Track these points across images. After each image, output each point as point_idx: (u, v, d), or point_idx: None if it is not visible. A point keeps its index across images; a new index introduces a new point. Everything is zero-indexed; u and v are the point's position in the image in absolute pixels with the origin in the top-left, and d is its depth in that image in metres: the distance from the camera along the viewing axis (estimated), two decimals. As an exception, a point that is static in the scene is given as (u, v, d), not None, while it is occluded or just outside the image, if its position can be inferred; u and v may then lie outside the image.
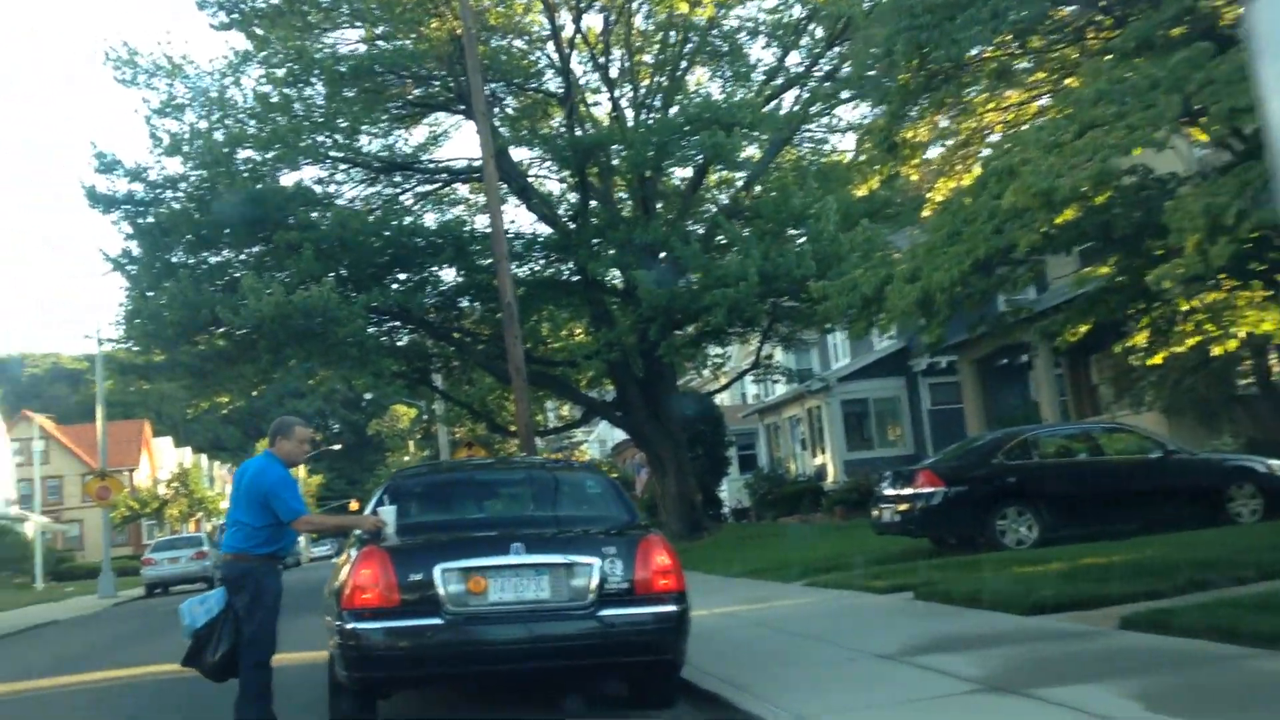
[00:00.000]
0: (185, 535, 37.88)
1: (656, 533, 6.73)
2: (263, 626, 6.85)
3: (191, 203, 19.15)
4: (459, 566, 6.17)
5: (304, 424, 7.33)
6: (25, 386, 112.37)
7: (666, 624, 6.25)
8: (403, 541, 6.51)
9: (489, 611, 6.15)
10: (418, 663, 6.14)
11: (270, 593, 6.91)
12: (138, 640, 15.67)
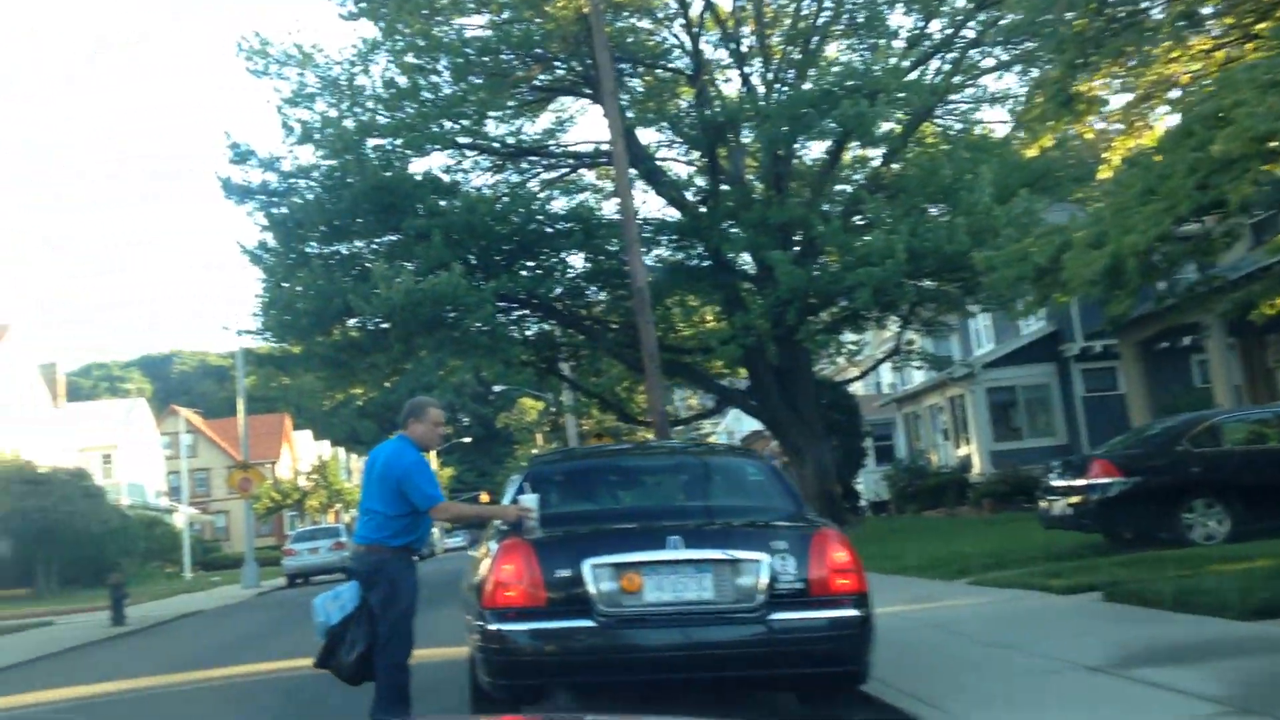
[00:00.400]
0: (324, 526, 38.52)
1: (831, 525, 5.93)
2: (398, 624, 6.33)
3: (323, 191, 19.10)
4: (611, 562, 5.49)
5: (437, 405, 6.78)
6: (175, 383, 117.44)
7: (848, 630, 5.45)
8: (547, 534, 5.87)
9: (645, 613, 5.45)
10: (568, 669, 5.48)
11: (406, 588, 6.39)
12: (278, 632, 15.59)
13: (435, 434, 6.64)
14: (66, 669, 13.26)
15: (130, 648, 15.63)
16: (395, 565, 6.40)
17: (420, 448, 6.57)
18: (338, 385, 24.98)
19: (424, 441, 6.59)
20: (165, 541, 46.36)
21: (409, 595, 6.38)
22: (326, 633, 6.41)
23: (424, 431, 6.59)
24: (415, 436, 6.57)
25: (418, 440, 6.57)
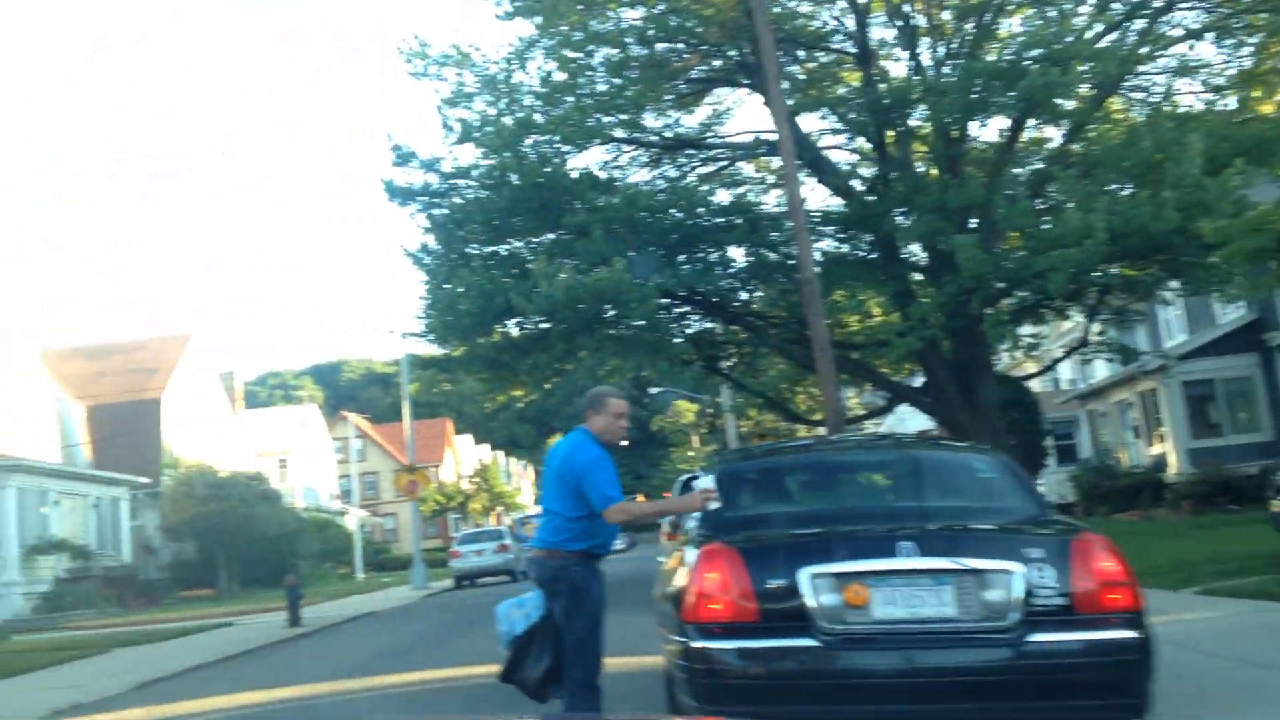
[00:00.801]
0: (489, 528, 38.86)
1: (1090, 529, 5.05)
2: (585, 638, 5.75)
3: (483, 190, 18.96)
4: (832, 571, 4.75)
5: (618, 394, 6.17)
6: (344, 390, 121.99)
7: (1124, 655, 4.56)
8: (755, 538, 5.17)
9: (875, 632, 4.69)
10: (786, 695, 4.74)
11: (590, 597, 5.80)
12: (451, 636, 15.38)
13: (617, 427, 6.04)
14: (245, 672, 13.30)
15: (306, 650, 15.67)
16: (577, 572, 5.83)
17: (601, 443, 5.99)
18: (499, 388, 24.94)
19: (605, 435, 6.01)
20: (338, 543, 47.74)
21: (594, 604, 5.80)
22: (511, 643, 5.88)
23: (604, 424, 6.01)
24: (596, 430, 6.01)
25: (598, 434, 6.01)
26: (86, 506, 32.33)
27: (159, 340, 44.30)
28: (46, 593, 28.04)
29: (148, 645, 18.33)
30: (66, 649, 17.82)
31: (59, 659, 16.39)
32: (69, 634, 22.64)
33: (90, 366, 42.43)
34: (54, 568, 29.07)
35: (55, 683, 13.50)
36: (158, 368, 42.14)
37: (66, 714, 10.82)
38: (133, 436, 39.13)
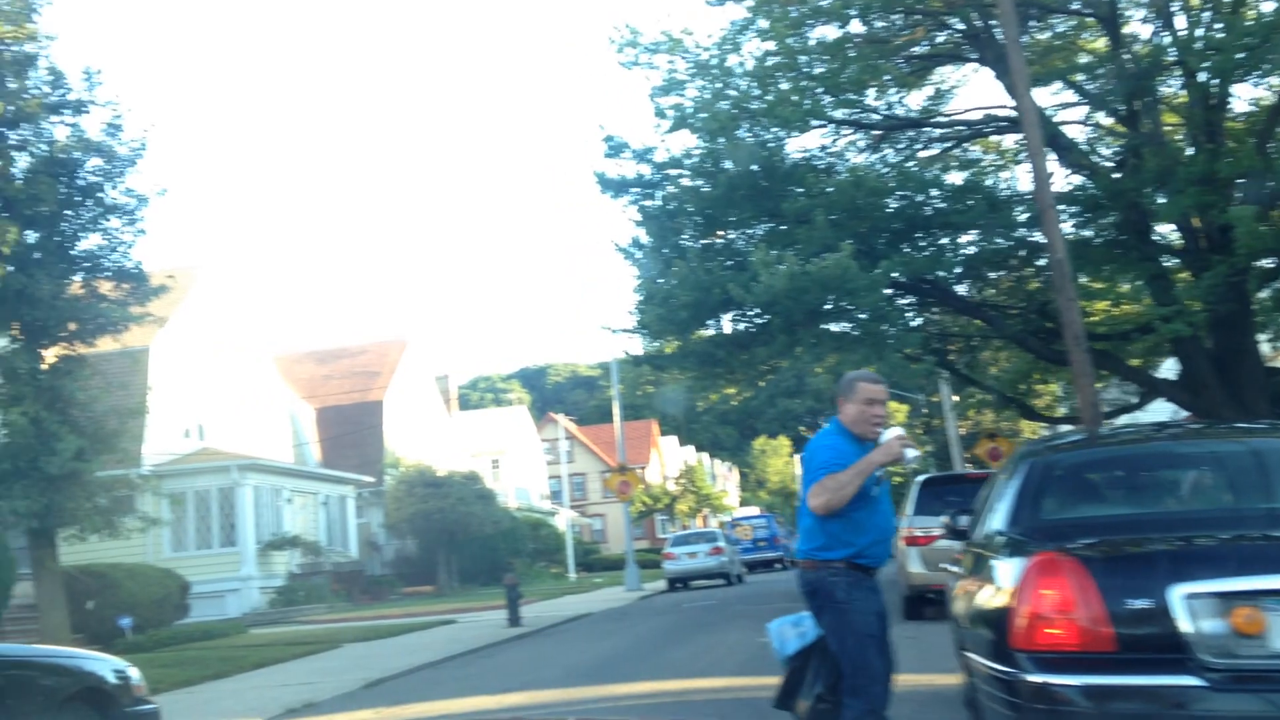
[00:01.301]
0: (703, 530, 38.37)
1: None
2: (857, 662, 4.93)
3: (697, 179, 18.30)
4: (1214, 590, 3.72)
5: (871, 378, 5.33)
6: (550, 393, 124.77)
7: None
8: (1103, 546, 4.17)
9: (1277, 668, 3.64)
10: (1160, 748, 3.75)
11: (856, 613, 4.97)
12: (672, 641, 14.76)
13: (868, 415, 5.16)
14: (471, 672, 13.06)
15: (529, 652, 15.38)
16: (835, 583, 5.04)
17: (853, 435, 5.13)
18: (711, 385, 24.23)
19: (856, 426, 5.16)
20: (549, 542, 48.33)
21: (863, 622, 4.97)
22: (786, 663, 5.10)
23: (855, 414, 5.18)
24: (847, 421, 5.20)
25: (849, 425, 5.18)
26: (316, 504, 33.66)
27: (380, 345, 46.00)
28: (281, 587, 29.22)
29: (376, 641, 18.59)
30: (299, 644, 18.24)
31: (293, 654, 16.74)
32: (302, 628, 23.39)
33: (318, 370, 44.46)
34: (287, 563, 30.30)
35: (289, 679, 13.66)
36: (379, 371, 43.72)
37: (300, 712, 10.78)
38: (357, 437, 40.68)
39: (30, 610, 18.38)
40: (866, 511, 5.09)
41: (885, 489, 5.25)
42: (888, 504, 5.27)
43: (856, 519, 5.06)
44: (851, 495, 4.92)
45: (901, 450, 4.96)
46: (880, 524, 5.16)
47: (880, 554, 5.17)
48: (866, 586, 5.07)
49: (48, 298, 15.08)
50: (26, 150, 15.04)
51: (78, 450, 15.01)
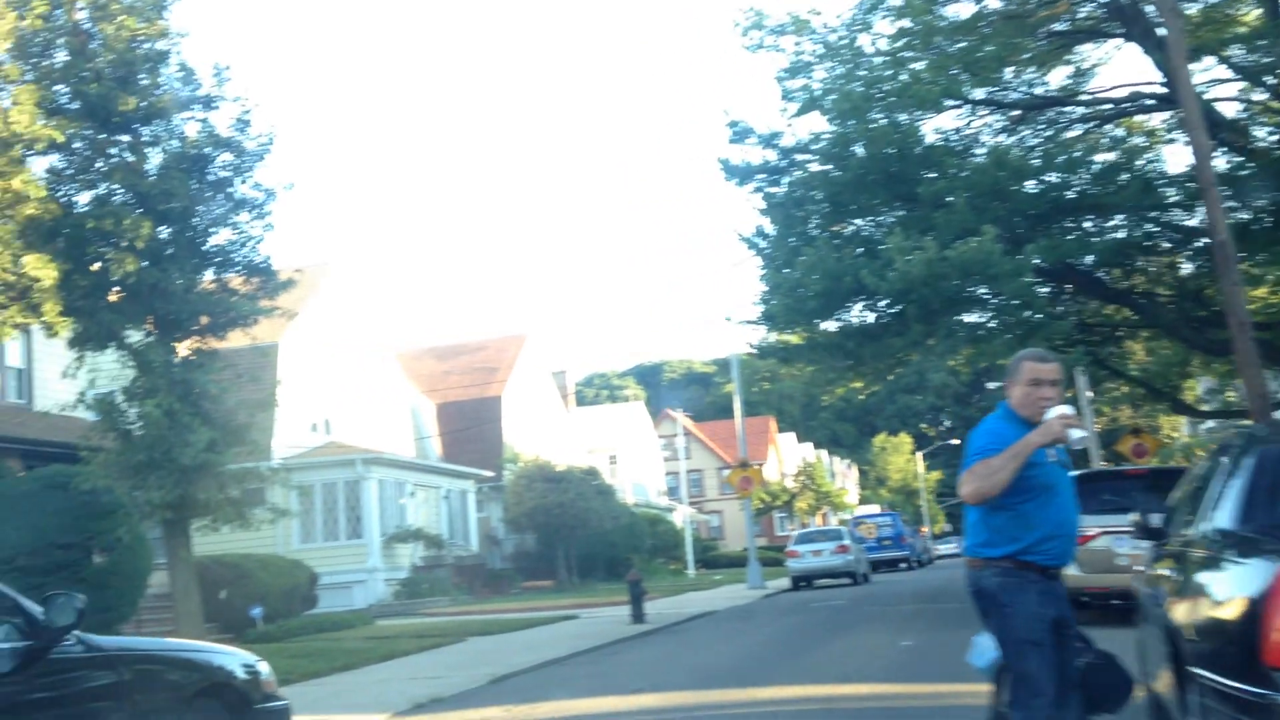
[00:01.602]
0: (828, 528, 37.55)
1: None
2: (1016, 671, 4.41)
3: (826, 163, 17.64)
4: None
5: (1037, 356, 4.72)
6: (664, 390, 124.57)
7: None
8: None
9: None
10: None
11: (1018, 616, 4.43)
12: (805, 644, 14.16)
13: (1035, 397, 4.55)
14: (600, 670, 12.71)
15: (656, 651, 14.96)
16: (996, 584, 4.49)
17: (1020, 418, 4.53)
18: (838, 379, 23.49)
19: (1022, 409, 4.57)
20: (667, 539, 47.99)
21: (1026, 628, 4.41)
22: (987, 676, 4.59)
23: (1020, 395, 4.61)
24: (1014, 403, 4.63)
25: (1016, 408, 4.60)
26: (438, 498, 33.94)
27: (499, 341, 46.30)
28: (405, 579, 29.48)
29: (499, 635, 18.44)
30: (424, 636, 18.20)
31: (418, 647, 16.67)
32: (426, 620, 23.46)
33: (438, 366, 44.96)
34: (410, 555, 30.58)
35: (416, 672, 13.52)
36: (498, 367, 43.99)
37: (426, 707, 10.56)
38: (476, 432, 40.98)
39: (165, 600, 18.75)
40: (1037, 503, 4.51)
41: (1063, 478, 4.64)
42: (1067, 496, 4.66)
43: (1023, 511, 4.49)
44: (1004, 482, 4.36)
45: (1063, 430, 4.37)
46: (1054, 517, 4.54)
47: (1055, 551, 4.56)
48: (1036, 588, 4.48)
49: (180, 292, 15.24)
50: (159, 146, 15.24)
51: (210, 442, 15.13)
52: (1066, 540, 4.64)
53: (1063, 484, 4.64)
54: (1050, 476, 4.54)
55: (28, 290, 13.85)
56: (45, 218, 13.79)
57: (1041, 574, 4.52)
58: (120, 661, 4.95)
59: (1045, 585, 4.52)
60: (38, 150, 13.96)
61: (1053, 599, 4.52)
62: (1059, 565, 4.60)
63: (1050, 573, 4.55)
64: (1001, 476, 4.35)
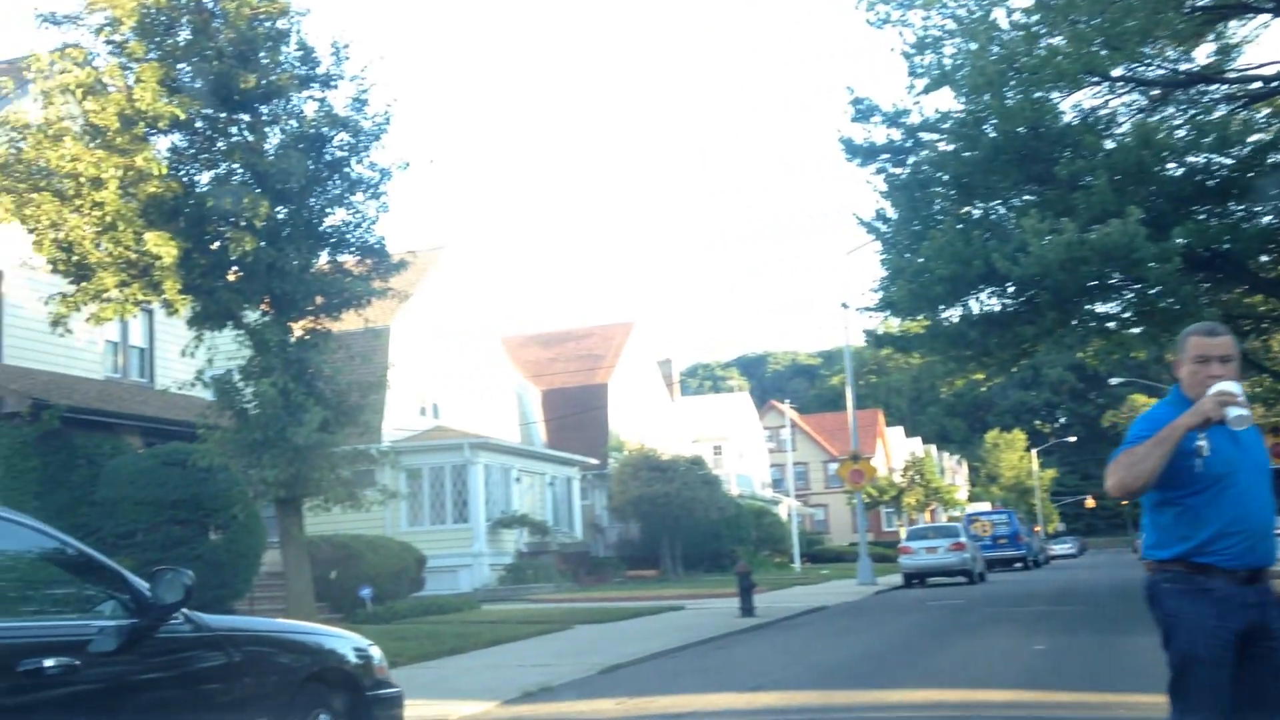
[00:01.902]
0: (943, 524, 36.49)
1: None
2: (1174, 687, 3.93)
3: (956, 142, 16.81)
4: None
5: (1205, 330, 4.09)
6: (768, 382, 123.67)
7: None
8: None
9: None
10: None
11: (1182, 627, 3.91)
12: (927, 644, 13.49)
13: (1202, 376, 3.95)
14: (712, 665, 12.27)
15: (769, 646, 14.45)
16: (1164, 591, 3.96)
17: (1190, 401, 3.93)
18: (958, 370, 22.59)
19: (1190, 390, 3.98)
20: (772, 531, 47.29)
21: (1189, 641, 3.87)
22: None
23: (1186, 375, 4.03)
24: (1182, 385, 4.06)
25: (1185, 390, 4.02)
26: (543, 484, 33.90)
27: (605, 328, 46.15)
28: (510, 565, 29.49)
29: (606, 624, 18.16)
30: (531, 623, 18.02)
31: (525, 633, 16.47)
32: (531, 606, 23.34)
33: (544, 353, 45.02)
34: (516, 541, 30.58)
35: (524, 659, 13.28)
36: (604, 354, 43.83)
37: (536, 696, 10.26)
38: (581, 419, 40.88)
39: (277, 578, 18.92)
40: (1206, 496, 3.89)
41: (1245, 466, 3.96)
42: (1250, 487, 3.97)
43: (1191, 506, 3.89)
44: (1150, 471, 3.80)
45: (1216, 409, 3.74)
46: (1229, 511, 3.87)
47: (1235, 551, 3.89)
48: (1214, 596, 3.87)
49: (296, 272, 15.21)
50: (277, 126, 15.22)
51: (323, 422, 15.09)
52: (1249, 537, 3.98)
53: (1244, 472, 3.98)
54: (1224, 464, 3.89)
55: (149, 268, 13.94)
56: (167, 196, 13.86)
57: (1227, 578, 3.91)
58: (229, 642, 4.67)
59: (1230, 591, 3.91)
60: (160, 128, 14.04)
61: (1239, 608, 3.91)
62: (1248, 567, 3.97)
63: (1239, 576, 3.94)
64: (1146, 465, 3.80)
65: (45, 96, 13.62)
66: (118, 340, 22.00)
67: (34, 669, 3.66)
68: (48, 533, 4.24)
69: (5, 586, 4.16)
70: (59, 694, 3.77)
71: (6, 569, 4.17)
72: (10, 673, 3.58)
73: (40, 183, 13.30)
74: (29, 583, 4.30)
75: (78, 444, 18.05)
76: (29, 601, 4.24)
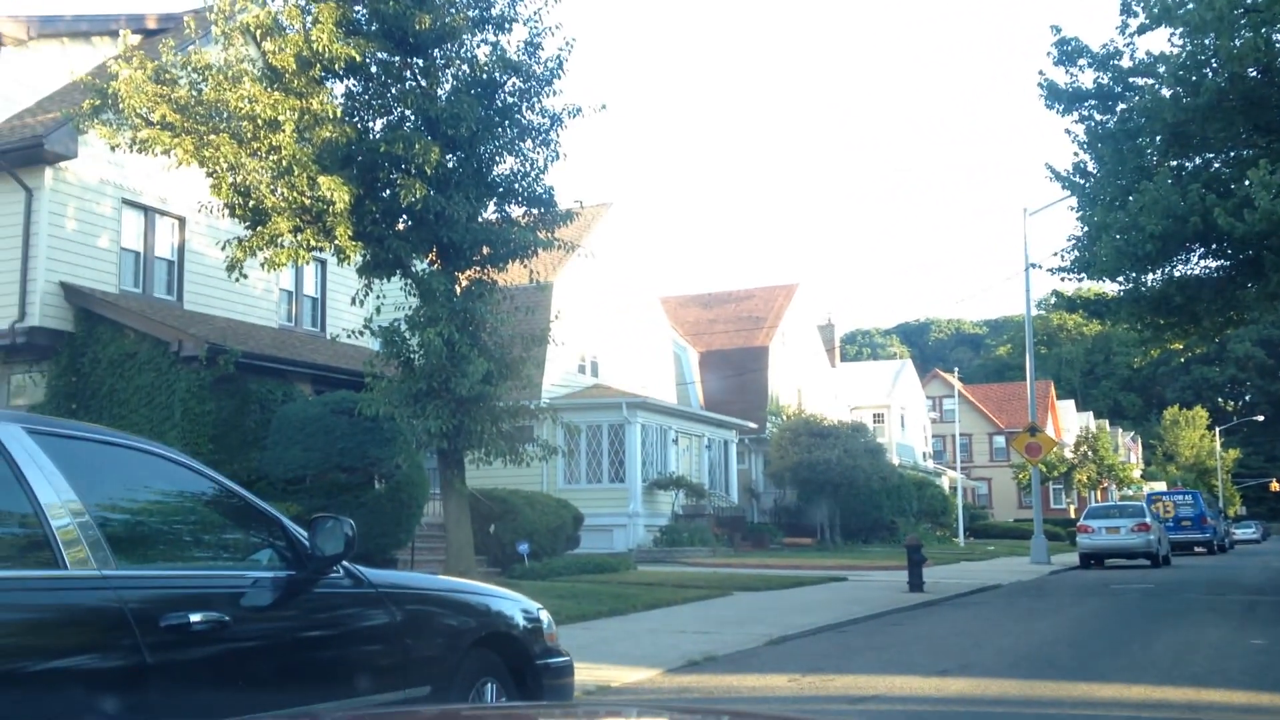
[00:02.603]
0: (1125, 504, 34.37)
1: None
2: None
3: (1174, 86, 15.24)
4: None
5: None
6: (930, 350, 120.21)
7: None
8: None
9: None
10: None
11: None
12: (1127, 632, 12.34)
13: None
14: (887, 642, 11.49)
15: (947, 625, 13.56)
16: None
17: None
18: (1155, 339, 20.89)
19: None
20: (935, 504, 45.69)
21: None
22: None
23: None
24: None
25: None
26: (700, 447, 33.41)
27: (766, 290, 45.21)
28: (665, 526, 29.15)
29: (766, 592, 17.57)
30: (689, 587, 17.57)
31: (683, 597, 16.03)
32: (686, 569, 22.91)
33: (704, 314, 44.40)
34: (671, 503, 30.21)
35: (684, 624, 12.80)
36: (764, 316, 42.93)
37: (700, 665, 9.74)
38: (739, 382, 40.16)
39: (437, 529, 18.98)
40: None
41: None
42: None
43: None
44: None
45: None
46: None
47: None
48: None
49: (464, 221, 14.96)
50: (450, 70, 14.94)
51: (486, 374, 14.88)
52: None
53: None
54: None
55: (322, 214, 13.88)
56: (341, 141, 13.75)
57: None
58: (392, 600, 4.20)
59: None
60: (336, 71, 13.92)
61: None
62: None
63: None
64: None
65: (225, 38, 13.64)
66: (291, 289, 22.44)
67: (180, 623, 3.23)
68: (203, 472, 3.83)
69: (155, 531, 3.76)
70: (204, 653, 3.35)
71: (158, 512, 3.77)
72: (154, 628, 3.15)
73: (219, 125, 13.34)
74: (182, 527, 3.90)
75: (251, 389, 18.43)
76: (179, 548, 3.84)
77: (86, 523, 3.14)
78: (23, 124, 18.92)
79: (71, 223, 18.48)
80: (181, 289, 20.27)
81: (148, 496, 3.66)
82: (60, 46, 20.20)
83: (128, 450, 3.61)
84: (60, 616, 3.06)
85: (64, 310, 18.39)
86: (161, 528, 3.80)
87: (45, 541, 3.04)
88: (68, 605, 3.06)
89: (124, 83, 12.93)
